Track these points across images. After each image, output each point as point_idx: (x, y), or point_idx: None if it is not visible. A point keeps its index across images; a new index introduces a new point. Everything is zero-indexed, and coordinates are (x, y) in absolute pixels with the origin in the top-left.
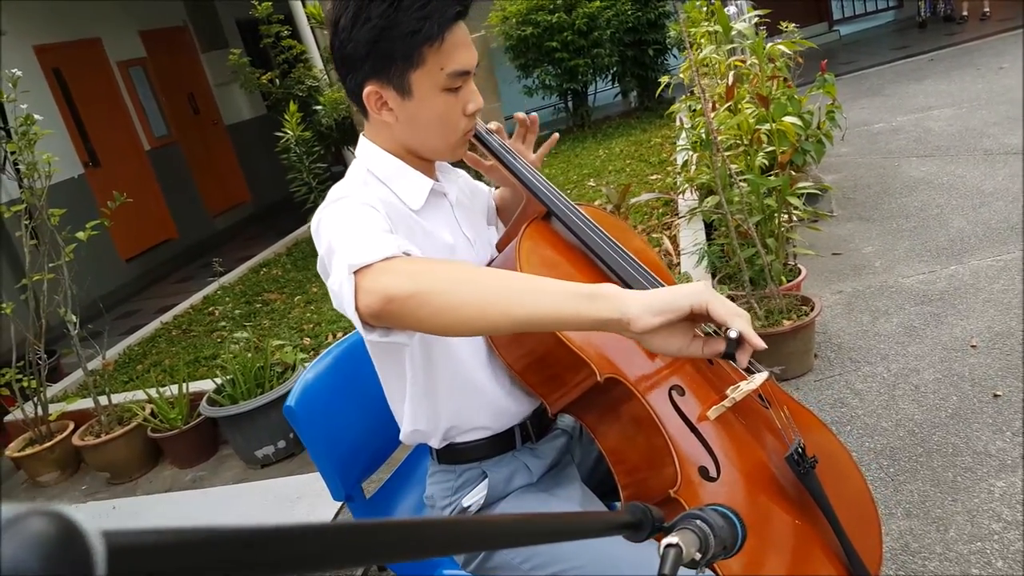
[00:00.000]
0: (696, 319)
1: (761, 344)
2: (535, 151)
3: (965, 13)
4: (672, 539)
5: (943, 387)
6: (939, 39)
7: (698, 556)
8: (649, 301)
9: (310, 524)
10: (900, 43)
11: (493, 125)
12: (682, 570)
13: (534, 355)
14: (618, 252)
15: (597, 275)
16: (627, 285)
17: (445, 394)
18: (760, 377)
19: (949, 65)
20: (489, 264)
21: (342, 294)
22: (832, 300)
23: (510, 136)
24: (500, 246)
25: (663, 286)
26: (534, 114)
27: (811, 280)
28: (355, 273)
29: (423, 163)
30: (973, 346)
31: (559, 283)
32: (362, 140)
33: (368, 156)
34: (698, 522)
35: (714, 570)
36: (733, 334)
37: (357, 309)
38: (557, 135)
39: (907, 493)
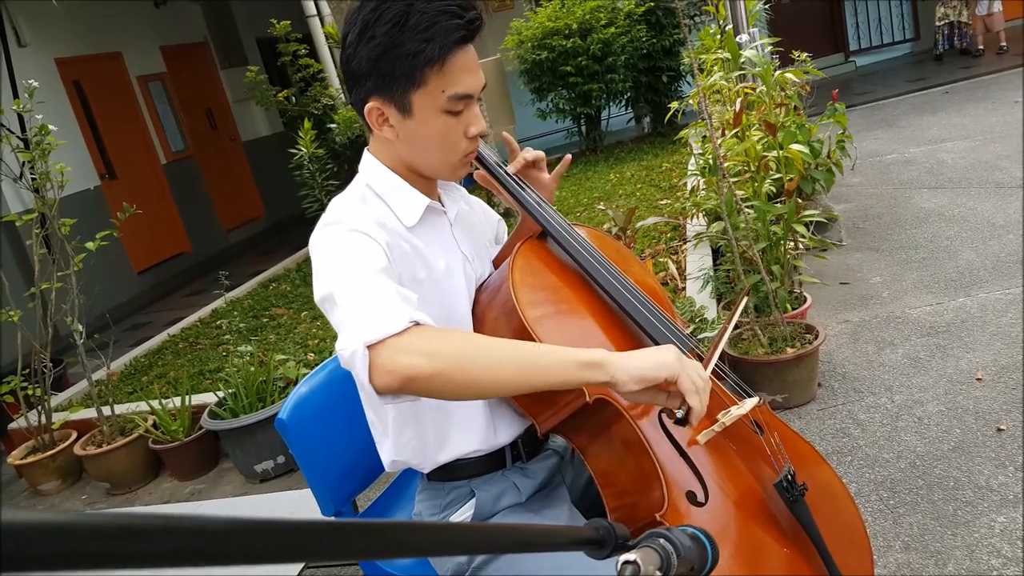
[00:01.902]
0: (666, 387)
1: (700, 416)
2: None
3: (981, 47)
4: (630, 556)
5: (946, 420)
6: (955, 72)
7: (658, 575)
8: (635, 370)
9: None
10: (916, 75)
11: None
12: None
13: None
14: (612, 273)
15: (590, 295)
16: (618, 304)
17: (432, 419)
18: (750, 402)
19: (964, 98)
20: (484, 283)
21: (353, 363)
22: (838, 329)
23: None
24: (496, 263)
25: (656, 308)
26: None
27: (818, 309)
28: (369, 348)
29: (423, 181)
30: (978, 379)
31: (559, 352)
32: (366, 155)
33: (369, 171)
34: (661, 541)
35: None
36: (680, 414)
37: (372, 383)
38: (569, 156)
39: (906, 526)
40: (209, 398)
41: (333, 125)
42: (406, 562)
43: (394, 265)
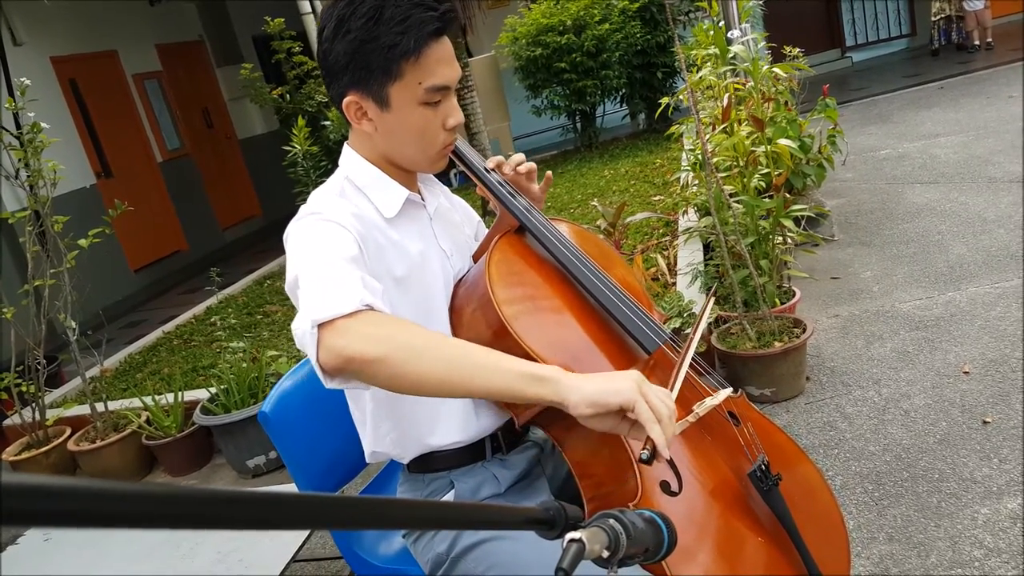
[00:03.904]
0: (625, 414)
1: (666, 455)
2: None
3: (977, 42)
4: (576, 535)
5: (933, 413)
6: (951, 67)
7: (605, 554)
8: (588, 393)
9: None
10: (912, 71)
11: (491, 163)
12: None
13: None
14: (589, 268)
15: (568, 289)
16: (595, 299)
17: (410, 411)
18: (724, 393)
19: (959, 93)
20: (462, 278)
21: (304, 343)
22: (828, 324)
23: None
24: (475, 257)
25: (633, 303)
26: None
27: (809, 303)
28: (318, 327)
29: (403, 174)
30: (965, 372)
31: (512, 361)
32: (345, 149)
33: (349, 165)
34: (611, 521)
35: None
36: (644, 455)
37: (318, 361)
38: (550, 173)
39: (890, 518)
40: (202, 394)
41: (327, 122)
42: (390, 555)
43: (367, 257)
